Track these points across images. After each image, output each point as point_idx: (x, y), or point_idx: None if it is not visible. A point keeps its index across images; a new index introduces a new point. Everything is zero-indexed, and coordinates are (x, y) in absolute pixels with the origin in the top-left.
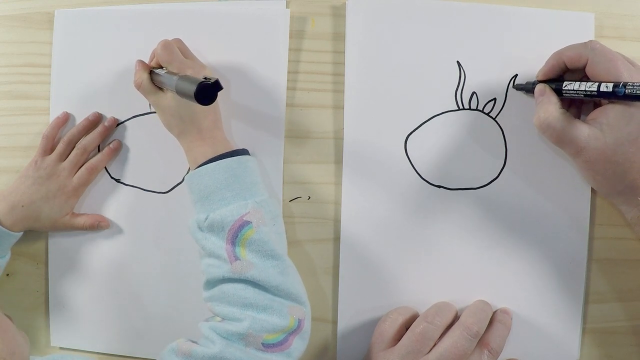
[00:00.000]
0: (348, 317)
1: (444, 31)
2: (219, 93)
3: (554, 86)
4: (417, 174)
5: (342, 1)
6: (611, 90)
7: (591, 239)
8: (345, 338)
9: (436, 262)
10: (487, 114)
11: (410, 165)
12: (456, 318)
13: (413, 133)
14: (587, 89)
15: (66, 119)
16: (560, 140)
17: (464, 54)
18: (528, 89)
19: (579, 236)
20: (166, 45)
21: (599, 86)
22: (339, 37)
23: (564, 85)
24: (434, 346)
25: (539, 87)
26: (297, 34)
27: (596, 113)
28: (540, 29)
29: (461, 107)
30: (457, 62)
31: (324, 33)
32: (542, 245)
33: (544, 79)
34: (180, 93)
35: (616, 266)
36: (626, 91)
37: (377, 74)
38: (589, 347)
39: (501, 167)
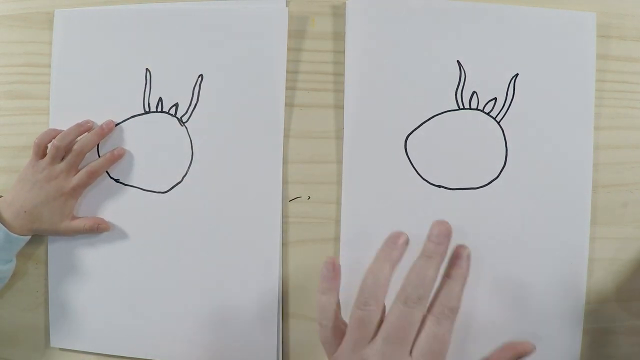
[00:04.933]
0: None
1: (444, 31)
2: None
3: None
4: (417, 174)
5: (342, 1)
6: None
7: (591, 239)
8: None
9: None
10: (488, 114)
11: (411, 165)
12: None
13: (413, 133)
14: None
15: (59, 132)
16: None
17: (465, 54)
18: None
19: (579, 236)
20: None
21: None
22: (339, 36)
23: None
24: (378, 328)
25: None
26: (298, 33)
27: None
28: (541, 29)
29: (461, 106)
30: (458, 61)
31: (325, 33)
32: (542, 245)
33: None
34: None
35: (616, 266)
36: None
37: (377, 74)
38: (589, 347)
39: (501, 167)
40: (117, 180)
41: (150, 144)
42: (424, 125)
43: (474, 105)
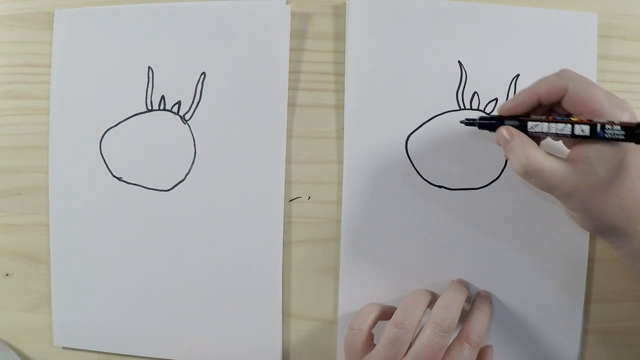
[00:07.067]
0: (348, 317)
1: (444, 31)
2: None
3: (517, 123)
4: (417, 174)
5: (342, 1)
6: (589, 134)
7: (591, 239)
8: None
9: (436, 262)
10: (489, 114)
11: (411, 165)
12: (433, 301)
13: (414, 133)
14: (559, 132)
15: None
16: (550, 184)
17: (465, 54)
18: (483, 124)
19: (579, 236)
20: None
21: (572, 128)
22: (339, 36)
23: (529, 126)
24: (410, 347)
25: (504, 130)
26: (298, 33)
27: (579, 150)
28: (542, 29)
29: (462, 107)
30: (459, 61)
31: (325, 33)
32: (543, 245)
33: (509, 114)
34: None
35: (616, 266)
36: (606, 135)
37: (377, 74)
38: (589, 348)
39: (502, 167)
40: (119, 179)
41: (153, 142)
42: (424, 125)
43: (475, 106)
